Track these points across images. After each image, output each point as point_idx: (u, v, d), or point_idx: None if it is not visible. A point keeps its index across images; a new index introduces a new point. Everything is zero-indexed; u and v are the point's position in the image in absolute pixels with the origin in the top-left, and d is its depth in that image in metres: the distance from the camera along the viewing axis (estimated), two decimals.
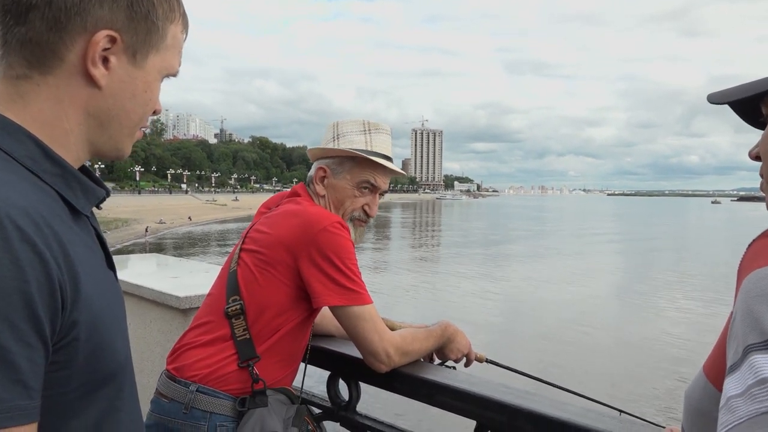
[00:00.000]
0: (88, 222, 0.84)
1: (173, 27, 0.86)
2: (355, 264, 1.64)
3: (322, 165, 1.81)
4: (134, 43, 0.81)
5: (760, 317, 0.51)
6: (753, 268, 0.56)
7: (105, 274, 0.83)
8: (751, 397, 0.47)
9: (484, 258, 34.97)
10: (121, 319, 0.86)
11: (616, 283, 26.74)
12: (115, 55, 0.79)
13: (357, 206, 1.81)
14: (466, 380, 1.61)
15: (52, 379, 0.70)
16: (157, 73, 0.86)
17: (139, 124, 0.87)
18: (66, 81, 0.78)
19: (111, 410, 0.81)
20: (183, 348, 1.66)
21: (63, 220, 0.75)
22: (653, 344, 15.44)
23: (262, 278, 1.63)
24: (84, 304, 0.72)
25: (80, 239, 0.78)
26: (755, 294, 0.53)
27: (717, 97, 0.87)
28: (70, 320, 0.70)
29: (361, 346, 1.63)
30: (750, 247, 0.61)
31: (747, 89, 0.83)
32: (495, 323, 17.24)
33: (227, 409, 1.57)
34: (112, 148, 0.86)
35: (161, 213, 61.69)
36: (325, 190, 1.81)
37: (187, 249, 38.15)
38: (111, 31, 0.78)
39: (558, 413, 1.38)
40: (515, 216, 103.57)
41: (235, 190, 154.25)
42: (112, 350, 0.79)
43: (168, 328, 2.45)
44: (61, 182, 0.78)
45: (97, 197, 0.84)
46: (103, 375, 0.78)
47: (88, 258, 0.77)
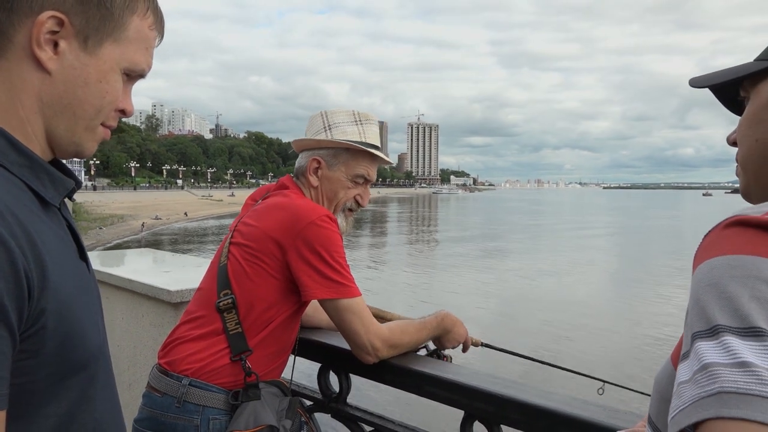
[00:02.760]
0: (58, 213, 0.83)
1: (136, 18, 0.84)
2: (343, 257, 1.65)
3: (316, 156, 1.80)
4: (85, 28, 0.79)
5: (706, 306, 0.54)
6: (705, 259, 0.58)
7: (76, 264, 0.83)
8: (695, 383, 0.50)
9: (481, 252, 35.03)
10: (93, 308, 0.86)
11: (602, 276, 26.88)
12: (65, 39, 0.78)
13: (350, 197, 1.82)
14: (454, 371, 1.63)
15: (21, 368, 0.70)
16: (114, 64, 0.83)
17: (96, 118, 0.84)
18: (17, 64, 0.77)
19: (84, 399, 0.81)
20: (175, 342, 1.67)
21: (31, 210, 0.75)
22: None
23: (251, 272, 1.63)
24: (52, 293, 0.72)
25: (49, 229, 0.77)
26: (704, 284, 0.55)
27: (698, 81, 0.88)
28: (38, 309, 0.70)
29: (349, 338, 1.65)
30: (705, 238, 0.62)
31: (727, 74, 0.84)
32: (492, 315, 17.30)
33: (220, 402, 1.58)
34: (70, 141, 0.84)
35: (157, 209, 61.48)
36: (319, 182, 1.80)
37: (183, 244, 38.03)
38: (57, 13, 0.76)
39: (544, 402, 1.40)
40: (512, 210, 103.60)
41: (231, 185, 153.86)
42: (82, 339, 0.79)
43: (160, 322, 2.46)
44: (29, 173, 0.78)
45: (66, 188, 0.83)
46: (73, 364, 0.78)
47: (58, 248, 0.77)
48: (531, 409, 1.41)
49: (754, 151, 0.79)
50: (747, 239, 0.56)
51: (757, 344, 0.49)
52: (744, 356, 0.48)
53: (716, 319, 0.52)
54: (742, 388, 0.47)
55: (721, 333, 0.51)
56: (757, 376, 0.47)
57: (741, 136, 0.81)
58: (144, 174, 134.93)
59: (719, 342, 0.51)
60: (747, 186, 0.82)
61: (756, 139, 0.78)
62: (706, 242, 0.61)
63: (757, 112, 0.78)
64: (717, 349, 0.50)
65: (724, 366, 0.49)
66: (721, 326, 0.51)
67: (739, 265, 0.54)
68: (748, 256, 0.55)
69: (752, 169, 0.80)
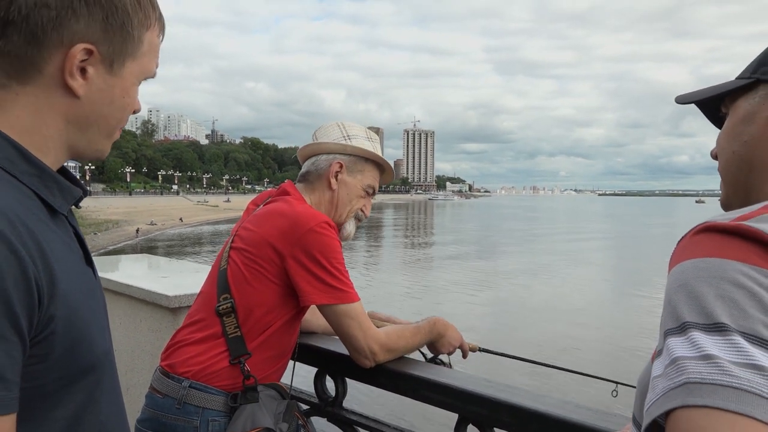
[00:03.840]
0: (66, 221, 0.86)
1: (149, 33, 0.88)
2: (342, 263, 1.68)
3: (339, 160, 1.86)
4: (111, 54, 0.83)
5: (676, 305, 0.58)
6: (677, 262, 0.62)
7: (83, 270, 0.86)
8: (665, 376, 0.54)
9: (478, 259, 35.09)
10: (99, 314, 0.88)
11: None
12: (92, 66, 0.82)
13: (359, 206, 1.89)
14: (448, 375, 1.66)
15: (30, 372, 0.73)
16: (134, 79, 0.88)
17: (117, 126, 0.90)
18: (45, 91, 0.81)
19: (90, 402, 0.84)
20: (176, 345, 1.70)
21: (40, 219, 0.78)
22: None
23: (251, 276, 1.66)
24: (60, 299, 0.75)
25: (58, 237, 0.80)
26: (675, 285, 0.60)
27: (684, 97, 0.93)
28: (47, 315, 0.73)
29: (347, 342, 1.68)
30: (678, 244, 0.66)
31: (710, 91, 0.89)
32: (489, 322, 17.32)
33: (219, 404, 1.61)
34: (92, 150, 0.89)
35: (152, 214, 61.39)
36: (338, 185, 1.86)
37: (178, 250, 37.97)
38: (87, 44, 0.80)
39: (536, 405, 1.43)
40: (508, 217, 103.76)
41: (227, 191, 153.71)
42: (89, 343, 0.81)
43: (158, 327, 2.48)
44: (38, 182, 0.81)
45: (74, 196, 0.87)
46: (81, 367, 0.81)
47: (66, 255, 0.80)
48: (523, 411, 1.44)
49: (732, 162, 0.83)
50: (714, 244, 0.61)
51: (720, 339, 0.53)
52: (708, 350, 0.52)
53: (684, 317, 0.56)
54: (706, 378, 0.50)
55: (689, 329, 0.55)
56: (719, 367, 0.51)
57: (720, 149, 0.86)
58: (140, 179, 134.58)
59: (687, 337, 0.54)
60: (727, 197, 0.86)
61: (733, 151, 0.83)
62: (679, 247, 0.64)
63: (734, 126, 0.83)
64: (685, 344, 0.54)
65: (691, 359, 0.53)
66: (688, 323, 0.55)
67: (706, 267, 0.58)
68: (714, 259, 0.59)
69: (730, 181, 0.85)
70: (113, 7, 0.82)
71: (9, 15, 0.76)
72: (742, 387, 0.49)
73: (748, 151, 0.80)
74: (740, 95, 0.83)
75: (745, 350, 0.51)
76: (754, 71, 0.81)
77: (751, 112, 0.80)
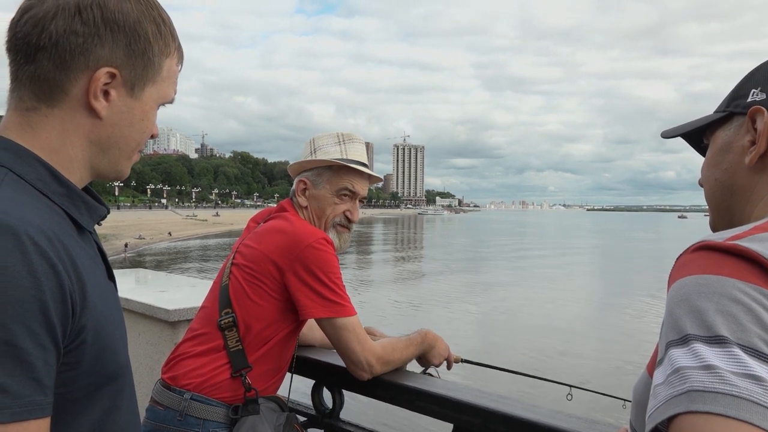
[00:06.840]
0: (91, 237, 0.92)
1: (169, 60, 0.95)
2: (339, 277, 1.73)
3: (302, 178, 1.92)
4: (132, 78, 0.90)
5: (678, 318, 0.63)
6: (677, 278, 0.67)
7: (106, 284, 0.92)
8: (668, 384, 0.58)
9: (467, 275, 35.12)
10: (121, 325, 0.95)
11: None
12: (114, 89, 0.88)
13: (338, 212, 1.90)
14: (443, 386, 1.71)
15: (62, 379, 0.78)
16: (153, 103, 0.94)
17: (137, 148, 0.96)
18: (70, 112, 0.87)
19: (113, 408, 0.90)
20: (178, 358, 1.74)
21: (71, 236, 0.84)
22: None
23: (251, 292, 1.72)
24: (90, 311, 0.81)
25: (85, 253, 0.86)
26: (677, 299, 0.64)
27: (669, 132, 1.02)
28: (79, 325, 0.79)
29: (345, 355, 1.73)
30: (677, 261, 0.71)
31: (692, 125, 0.97)
32: (478, 337, 17.34)
33: (220, 416, 1.65)
34: (112, 170, 0.95)
35: (140, 228, 61.00)
36: (308, 201, 1.90)
37: (167, 265, 37.71)
38: (111, 68, 0.87)
39: (528, 415, 1.49)
40: (498, 232, 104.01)
41: (216, 205, 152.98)
42: (114, 353, 0.88)
43: (157, 341, 2.51)
44: (68, 202, 0.87)
45: (99, 215, 0.93)
46: (106, 375, 0.87)
47: (93, 270, 0.86)
48: (515, 421, 1.50)
49: (715, 189, 0.91)
50: (712, 261, 0.66)
51: (721, 350, 0.58)
52: (710, 360, 0.57)
53: (687, 330, 0.61)
54: (708, 387, 0.55)
55: (691, 341, 0.60)
56: (720, 377, 0.55)
57: (704, 177, 0.94)
58: (128, 193, 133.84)
59: (689, 349, 0.59)
60: (714, 221, 0.93)
61: (715, 179, 0.90)
62: (678, 264, 0.70)
63: (714, 156, 0.91)
64: (687, 355, 0.59)
65: (693, 369, 0.57)
66: (690, 335, 0.60)
67: (706, 283, 0.64)
68: (713, 276, 0.64)
69: (715, 206, 0.92)
70: (136, 34, 0.88)
71: (41, 42, 0.83)
72: (741, 395, 0.54)
73: (728, 178, 0.87)
74: (718, 127, 0.91)
75: (744, 362, 0.56)
76: (727, 105, 0.89)
77: (728, 141, 0.88)
